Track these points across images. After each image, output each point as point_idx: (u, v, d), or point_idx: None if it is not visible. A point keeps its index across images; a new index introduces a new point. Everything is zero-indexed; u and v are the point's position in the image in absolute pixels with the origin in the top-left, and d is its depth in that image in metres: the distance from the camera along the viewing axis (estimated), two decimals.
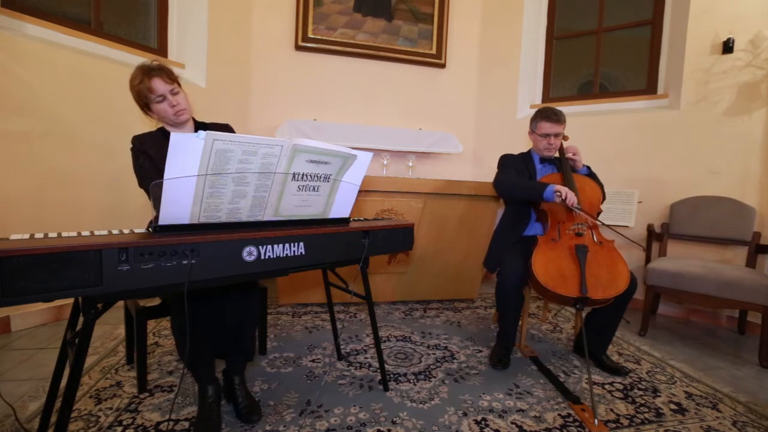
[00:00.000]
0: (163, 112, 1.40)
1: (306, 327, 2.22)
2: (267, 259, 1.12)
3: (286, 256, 1.17)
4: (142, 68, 1.37)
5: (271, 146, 1.10)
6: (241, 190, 1.10)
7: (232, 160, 1.04)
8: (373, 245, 1.40)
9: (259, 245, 1.10)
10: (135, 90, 1.38)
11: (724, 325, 2.67)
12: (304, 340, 2.04)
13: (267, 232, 1.12)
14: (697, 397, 1.66)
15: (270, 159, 1.12)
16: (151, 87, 1.35)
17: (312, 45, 3.28)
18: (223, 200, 1.08)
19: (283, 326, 2.21)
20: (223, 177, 1.04)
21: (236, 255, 1.05)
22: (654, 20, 3.03)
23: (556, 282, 1.65)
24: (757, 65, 2.53)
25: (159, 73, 1.36)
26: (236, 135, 1.02)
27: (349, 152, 1.26)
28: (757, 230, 2.46)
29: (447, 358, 1.93)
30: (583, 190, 1.88)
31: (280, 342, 2.00)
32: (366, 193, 2.40)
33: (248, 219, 1.16)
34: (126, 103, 2.42)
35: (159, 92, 1.36)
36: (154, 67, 1.37)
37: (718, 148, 2.66)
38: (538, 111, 2.01)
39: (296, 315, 2.40)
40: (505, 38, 3.54)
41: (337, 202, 1.37)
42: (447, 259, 2.70)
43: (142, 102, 1.40)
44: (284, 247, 1.16)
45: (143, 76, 1.35)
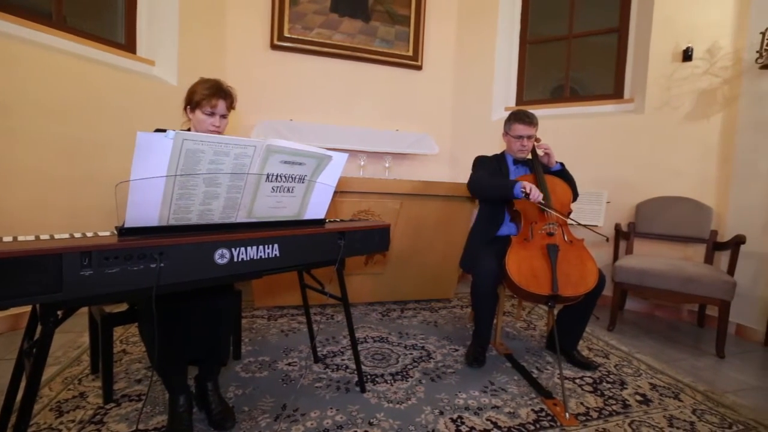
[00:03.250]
0: (202, 124, 1.46)
1: (282, 330, 2.19)
2: (240, 261, 1.10)
3: (260, 259, 1.15)
4: (217, 85, 1.45)
5: (244, 147, 1.08)
6: (213, 192, 1.08)
7: (203, 160, 1.02)
8: (349, 246, 1.39)
9: (231, 247, 1.07)
10: (199, 94, 1.43)
11: (686, 319, 2.81)
12: (280, 343, 2.01)
13: (240, 234, 1.10)
14: (660, 388, 1.75)
15: (243, 160, 1.10)
16: (214, 104, 1.43)
17: (288, 44, 3.25)
18: (193, 202, 1.05)
19: (259, 330, 2.17)
20: (194, 178, 1.02)
21: (208, 258, 1.03)
22: (620, 28, 3.16)
23: (528, 281, 1.69)
24: (714, 73, 2.68)
25: (226, 98, 1.46)
26: (207, 135, 1.00)
27: (324, 153, 1.26)
28: (714, 229, 2.60)
29: (424, 357, 1.94)
30: (554, 190, 1.94)
31: (256, 346, 1.97)
32: (342, 194, 2.39)
33: (220, 221, 1.14)
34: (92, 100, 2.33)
35: (216, 111, 1.45)
36: (227, 91, 1.47)
37: (680, 151, 2.80)
38: (511, 114, 2.06)
39: (272, 318, 2.36)
40: (480, 41, 3.61)
41: (312, 203, 1.36)
42: (424, 260, 2.72)
43: (193, 103, 1.46)
44: (258, 249, 1.15)
45: (214, 91, 1.43)
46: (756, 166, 2.47)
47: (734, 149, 2.58)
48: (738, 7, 2.59)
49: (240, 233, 1.11)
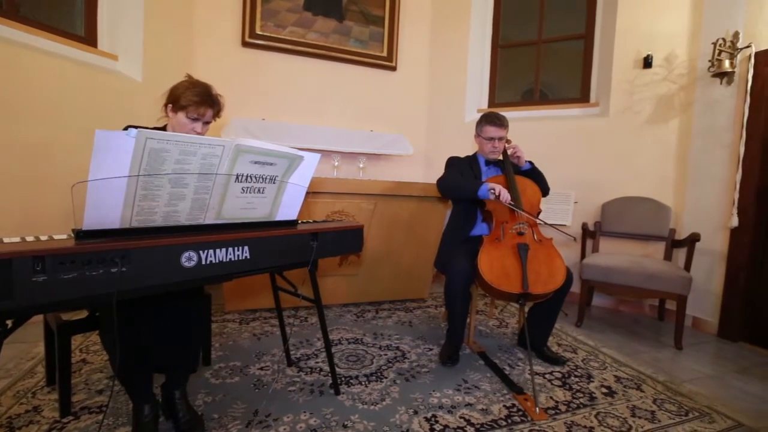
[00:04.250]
0: (183, 127, 1.39)
1: (254, 334, 2.14)
2: (209, 264, 1.07)
3: (230, 261, 1.12)
4: (207, 92, 1.40)
5: (212, 146, 1.05)
6: (179, 192, 1.05)
7: (168, 160, 0.99)
8: (322, 247, 1.38)
9: (199, 250, 1.04)
10: (186, 98, 1.37)
11: (647, 314, 2.96)
12: (252, 347, 1.97)
13: (208, 236, 1.07)
14: (624, 380, 1.83)
15: (211, 160, 1.07)
16: (202, 112, 1.38)
17: (260, 42, 3.19)
18: (158, 203, 1.02)
19: (230, 334, 2.12)
20: (159, 178, 0.99)
21: (174, 261, 0.99)
22: (587, 35, 3.29)
23: (500, 280, 1.73)
24: (671, 80, 2.83)
25: (214, 106, 1.42)
26: (172, 134, 0.97)
27: (295, 153, 1.24)
28: (672, 227, 2.75)
29: (398, 358, 1.95)
30: (524, 191, 2.00)
31: (226, 351, 1.92)
32: (316, 195, 2.37)
33: (188, 222, 1.11)
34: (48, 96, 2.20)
35: (201, 117, 1.39)
36: (216, 99, 1.42)
37: (641, 153, 2.94)
38: (483, 116, 2.11)
39: (244, 322, 2.31)
40: (453, 44, 3.66)
41: (283, 204, 1.34)
42: (398, 260, 2.73)
43: (176, 102, 1.39)
44: (228, 251, 1.12)
45: (203, 99, 1.38)
46: (709, 169, 2.63)
47: (689, 153, 2.74)
48: (692, 18, 2.75)
49: (208, 235, 1.08)
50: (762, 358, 2.24)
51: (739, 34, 2.45)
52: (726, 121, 2.55)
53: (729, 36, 2.48)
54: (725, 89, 2.55)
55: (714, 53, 2.48)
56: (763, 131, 2.38)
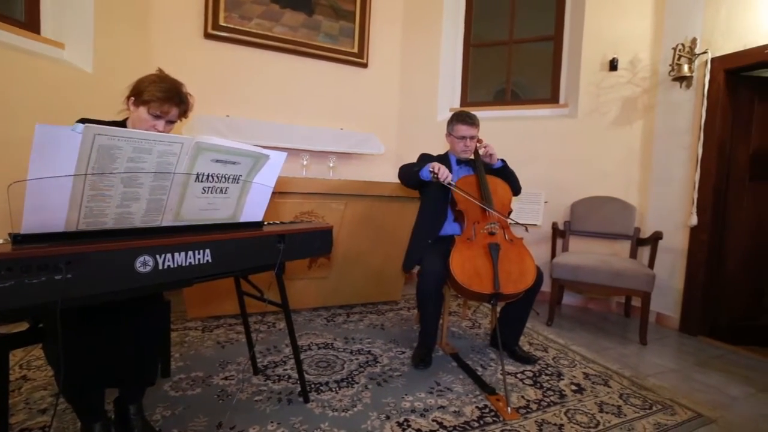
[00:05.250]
0: (143, 123, 1.33)
1: (218, 342, 2.08)
2: (166, 269, 1.03)
3: (190, 265, 1.09)
4: (174, 89, 1.34)
5: (170, 144, 1.02)
6: (133, 193, 1.00)
7: (120, 158, 0.94)
8: (289, 250, 1.36)
9: (156, 254, 1.00)
10: (150, 93, 1.30)
11: (614, 311, 3.10)
12: (215, 356, 1.92)
13: (166, 239, 1.03)
14: (592, 377, 1.91)
15: (168, 158, 1.04)
16: (166, 110, 1.33)
17: (224, 34, 3.10)
18: (109, 204, 0.97)
19: (192, 343, 2.05)
20: (110, 178, 0.94)
21: (127, 266, 0.95)
22: (556, 36, 3.41)
23: (472, 280, 1.77)
24: (635, 83, 2.98)
25: (180, 105, 1.36)
26: (125, 130, 0.93)
27: (260, 152, 1.22)
28: (637, 226, 2.90)
29: (370, 362, 1.95)
30: (496, 191, 2.05)
31: (188, 361, 1.85)
32: (284, 195, 2.33)
33: (143, 225, 1.06)
34: None
35: (164, 115, 1.34)
36: (183, 98, 1.37)
37: (608, 154, 3.08)
38: (454, 114, 2.14)
39: (207, 329, 2.24)
40: (425, 42, 3.70)
41: (248, 205, 1.31)
42: (370, 262, 2.74)
43: (139, 95, 1.31)
44: (187, 255, 1.08)
45: (169, 97, 1.32)
46: (670, 169, 2.79)
47: (652, 154, 2.90)
48: (654, 23, 2.91)
49: (166, 238, 1.04)
50: (719, 350, 2.40)
51: (696, 40, 2.62)
52: (685, 123, 2.71)
53: (687, 42, 2.64)
54: (684, 93, 2.71)
55: (674, 58, 2.64)
56: (719, 133, 2.55)
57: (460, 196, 1.98)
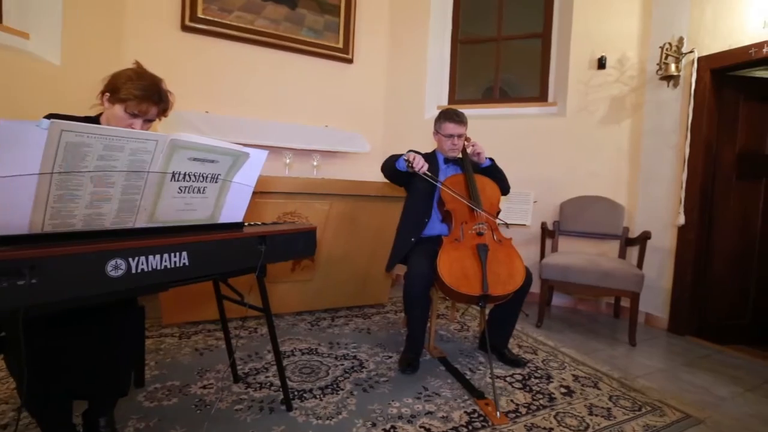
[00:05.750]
0: (119, 121, 1.29)
1: (196, 349, 2.05)
2: (140, 273, 1.01)
3: (165, 269, 1.06)
4: (153, 88, 1.31)
5: (143, 141, 1.00)
6: (104, 193, 0.98)
7: (89, 156, 0.92)
8: (271, 252, 1.35)
9: (128, 257, 0.98)
10: (127, 91, 1.27)
11: (604, 311, 3.16)
12: (193, 364, 1.89)
13: (139, 241, 1.01)
14: (582, 379, 1.94)
15: (142, 156, 1.01)
16: (144, 109, 1.30)
17: (202, 26, 3.06)
18: (78, 204, 0.95)
19: (168, 350, 2.02)
20: (78, 177, 0.92)
21: (97, 270, 0.92)
22: (544, 34, 3.47)
23: (460, 282, 1.78)
24: (623, 82, 3.05)
25: (159, 103, 1.33)
26: (95, 126, 0.90)
27: (239, 150, 1.20)
28: (626, 225, 2.96)
29: (356, 367, 1.95)
30: (484, 190, 2.07)
31: (164, 369, 1.82)
32: (265, 195, 2.31)
33: (114, 226, 1.04)
34: None
35: (142, 115, 1.31)
36: (163, 96, 1.34)
37: (596, 153, 3.14)
38: (441, 112, 2.16)
39: (184, 336, 2.20)
40: (412, 37, 3.72)
41: (227, 206, 1.29)
42: (355, 264, 2.73)
43: (115, 92, 1.28)
44: (162, 258, 1.06)
45: (148, 95, 1.29)
46: (658, 169, 2.86)
47: (640, 153, 2.96)
48: (642, 22, 2.98)
49: (139, 240, 1.01)
50: (706, 350, 2.47)
51: (683, 39, 2.69)
52: (673, 122, 2.79)
53: (674, 41, 2.72)
54: (672, 92, 2.79)
55: (661, 57, 2.71)
56: (706, 133, 2.63)
57: (448, 195, 1.99)
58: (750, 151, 2.66)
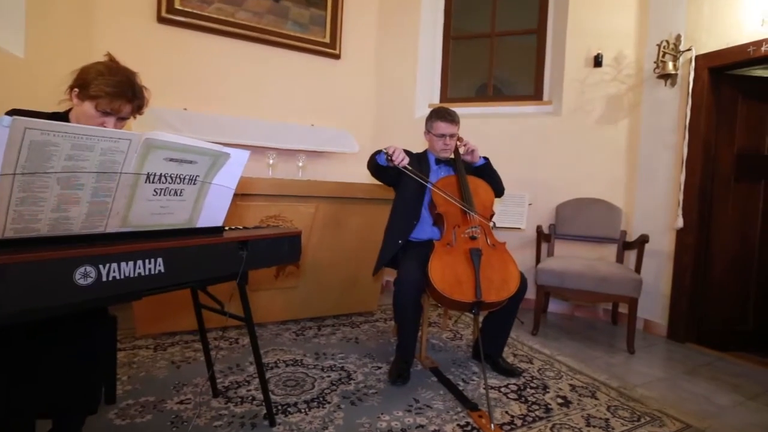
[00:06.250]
0: (89, 120, 1.26)
1: (173, 361, 2.02)
2: (111, 280, 0.99)
3: (139, 276, 1.05)
4: (127, 83, 1.28)
5: (115, 140, 0.98)
6: (72, 195, 0.96)
7: (56, 156, 0.90)
8: (253, 257, 1.34)
9: (99, 264, 0.96)
10: (98, 88, 1.23)
11: (601, 318, 3.20)
12: (169, 378, 1.86)
13: (111, 246, 1.00)
14: (579, 389, 1.96)
15: (114, 156, 1.00)
16: (117, 107, 1.27)
17: (180, 18, 3.04)
18: (43, 208, 0.93)
19: (142, 364, 1.98)
20: (43, 178, 0.90)
21: (64, 278, 0.90)
22: (539, 30, 3.51)
23: (452, 288, 1.78)
24: (620, 80, 3.11)
25: (133, 100, 1.30)
26: (61, 124, 0.89)
27: (219, 150, 1.19)
28: (623, 229, 3.01)
29: (343, 379, 1.94)
30: (477, 192, 2.08)
31: (137, 384, 1.79)
32: (247, 198, 2.30)
33: (83, 231, 1.02)
34: None
35: (115, 113, 1.28)
36: (137, 93, 1.32)
37: (593, 154, 3.19)
38: (432, 111, 2.17)
39: (160, 348, 2.17)
40: (403, 32, 3.74)
41: (206, 209, 1.28)
42: (343, 270, 2.72)
43: (85, 88, 1.24)
44: (136, 265, 1.05)
45: (120, 92, 1.26)
46: (656, 170, 2.92)
47: (638, 154, 3.02)
48: (639, 19, 3.04)
49: (111, 246, 1.00)
50: (707, 357, 2.52)
51: (680, 37, 2.75)
52: (670, 122, 2.84)
53: (672, 38, 2.78)
54: (669, 91, 2.84)
55: (658, 55, 2.76)
56: (704, 133, 2.69)
57: (439, 198, 2.00)
58: (749, 151, 2.73)
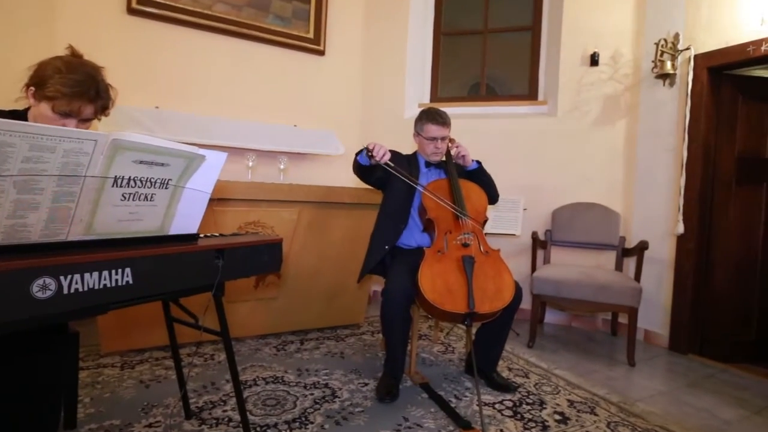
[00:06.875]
0: (47, 122, 1.22)
1: (141, 381, 1.99)
2: (73, 293, 0.97)
3: (105, 288, 1.03)
4: (89, 82, 1.25)
5: (79, 141, 0.97)
6: (30, 200, 0.95)
7: (12, 157, 0.89)
8: (230, 267, 1.33)
9: (59, 275, 0.94)
10: (55, 87, 1.20)
11: (600, 328, 3.24)
12: (137, 398, 1.83)
13: (73, 256, 0.98)
14: (578, 404, 1.98)
15: (77, 158, 0.99)
16: (77, 109, 1.23)
17: (152, 10, 3.01)
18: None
19: (107, 384, 1.95)
20: None
21: (21, 291, 0.88)
22: (534, 27, 3.58)
23: (443, 298, 1.79)
24: (617, 79, 3.17)
25: (96, 100, 1.27)
26: (18, 123, 0.87)
27: (194, 151, 1.19)
28: (622, 235, 3.06)
29: (327, 397, 1.93)
30: (469, 197, 2.10)
31: (101, 406, 1.75)
32: (224, 203, 2.28)
33: (42, 240, 1.00)
34: None
35: (76, 115, 1.25)
36: (101, 92, 1.29)
37: (590, 156, 3.25)
38: (422, 112, 2.18)
39: (127, 366, 2.14)
40: (391, 27, 3.77)
41: (179, 215, 1.27)
42: (328, 280, 2.72)
43: (41, 86, 1.21)
44: (101, 276, 1.03)
45: (80, 91, 1.22)
46: (655, 173, 2.98)
47: (636, 156, 3.08)
48: (636, 16, 3.11)
49: (73, 255, 0.98)
50: (709, 369, 2.56)
51: (679, 35, 2.82)
52: (669, 124, 2.91)
53: (670, 37, 2.85)
54: (668, 91, 2.91)
55: (656, 54, 2.83)
56: (703, 135, 2.76)
57: (430, 202, 2.01)
58: (750, 154, 2.80)
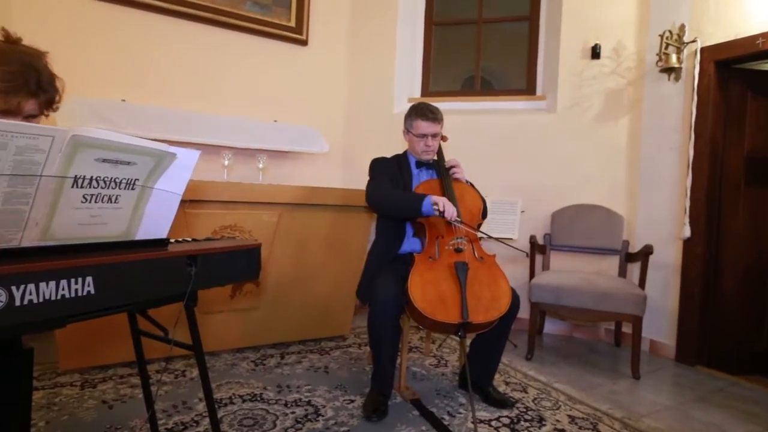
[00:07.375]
0: None
1: (104, 401, 1.96)
2: (27, 305, 0.95)
3: (63, 299, 1.02)
4: (27, 71, 1.20)
5: (34, 137, 0.96)
6: None
7: None
8: (204, 275, 1.32)
9: (10, 285, 0.93)
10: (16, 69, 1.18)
11: (603, 339, 3.28)
12: (99, 421, 1.80)
13: (26, 264, 0.96)
14: (579, 420, 2.00)
15: (32, 155, 0.97)
16: (13, 103, 1.20)
17: None
18: None
19: (65, 405, 1.92)
20: None
21: None
22: (531, 16, 3.62)
23: (435, 307, 1.79)
24: (620, 73, 3.22)
25: (39, 96, 1.24)
26: None
27: (163, 149, 1.18)
28: (626, 238, 3.10)
29: (310, 416, 1.92)
30: (463, 199, 2.11)
31: (58, 430, 1.72)
32: (198, 205, 2.27)
33: None
34: None
35: (17, 112, 1.21)
36: (45, 86, 1.24)
37: (591, 154, 3.29)
38: (412, 108, 2.19)
39: (88, 385, 2.11)
40: (379, 17, 3.78)
41: (147, 218, 1.26)
42: (311, 288, 2.71)
43: None
44: (59, 286, 1.01)
45: (19, 85, 1.19)
46: (660, 173, 3.03)
47: (639, 154, 3.13)
48: (640, 6, 3.17)
49: (27, 263, 0.96)
50: (719, 382, 2.60)
51: (684, 27, 2.88)
52: (674, 120, 2.96)
53: (675, 29, 2.90)
54: (673, 86, 2.97)
55: (661, 46, 2.88)
56: (710, 132, 2.81)
57: None
58: (760, 153, 2.85)
